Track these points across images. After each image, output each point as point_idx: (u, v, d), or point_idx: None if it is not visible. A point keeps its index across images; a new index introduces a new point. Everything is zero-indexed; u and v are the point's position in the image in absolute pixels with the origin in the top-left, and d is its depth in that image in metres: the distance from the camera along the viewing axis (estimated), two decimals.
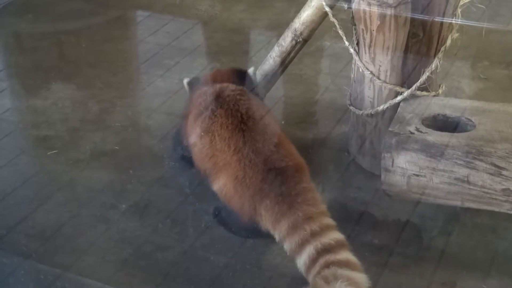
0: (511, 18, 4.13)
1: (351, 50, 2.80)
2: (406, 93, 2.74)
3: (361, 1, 2.63)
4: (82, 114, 3.38)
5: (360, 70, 2.78)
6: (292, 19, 2.98)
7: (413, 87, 2.74)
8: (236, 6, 4.29)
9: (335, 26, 2.85)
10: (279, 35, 3.06)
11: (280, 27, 3.53)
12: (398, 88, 2.76)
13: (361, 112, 2.85)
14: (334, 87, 3.50)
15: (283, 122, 3.23)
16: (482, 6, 2.89)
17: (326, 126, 3.20)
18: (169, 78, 3.65)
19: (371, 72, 2.74)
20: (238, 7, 4.29)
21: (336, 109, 3.26)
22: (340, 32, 2.80)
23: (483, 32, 3.47)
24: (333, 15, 2.82)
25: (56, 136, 3.21)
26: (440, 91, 2.90)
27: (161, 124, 3.27)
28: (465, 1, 2.81)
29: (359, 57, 2.78)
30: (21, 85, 3.75)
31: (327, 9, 2.81)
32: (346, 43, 2.80)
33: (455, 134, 2.55)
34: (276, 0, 4.35)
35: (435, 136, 2.52)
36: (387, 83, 2.75)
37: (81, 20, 4.18)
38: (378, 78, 2.74)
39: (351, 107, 2.92)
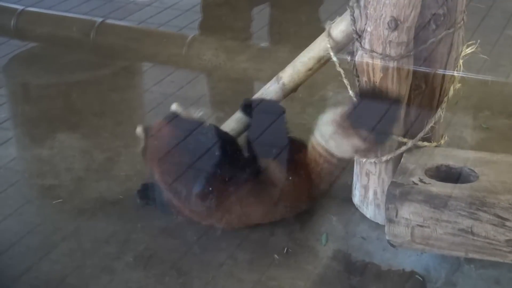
0: (511, 70, 4.17)
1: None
2: (410, 143, 2.77)
3: (364, 54, 2.67)
4: (87, 164, 3.40)
5: None
6: None
7: (417, 138, 2.77)
8: (239, 56, 4.34)
9: (338, 76, 2.90)
10: None
11: None
12: (401, 139, 2.79)
13: (364, 160, 2.87)
14: None
15: None
16: (484, 56, 2.93)
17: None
18: None
19: None
20: (242, 57, 4.34)
21: None
22: (345, 81, 2.84)
23: (489, 83, 3.51)
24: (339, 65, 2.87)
25: (61, 186, 3.23)
26: (442, 141, 2.93)
27: None
28: (467, 52, 2.86)
29: None
30: (27, 135, 3.78)
31: (334, 59, 2.86)
32: (351, 92, 2.83)
33: (458, 185, 2.57)
34: (279, 51, 4.40)
35: (438, 187, 2.54)
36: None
37: (87, 71, 4.23)
38: None
39: None
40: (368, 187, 2.91)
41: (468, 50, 2.85)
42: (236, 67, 4.25)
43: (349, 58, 2.81)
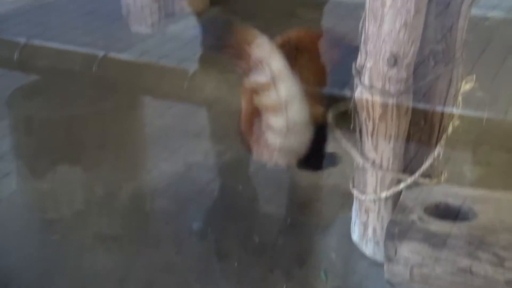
0: (509, 105, 4.19)
1: None
2: (409, 180, 2.77)
3: (363, 90, 2.69)
4: (88, 197, 3.41)
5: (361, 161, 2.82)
6: None
7: (416, 175, 2.77)
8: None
9: None
10: None
11: None
12: (401, 176, 2.79)
13: (363, 196, 2.87)
14: (338, 172, 3.52)
15: None
16: (482, 94, 2.94)
17: (329, 212, 3.22)
18: (175, 161, 3.69)
19: (373, 162, 2.78)
20: None
21: (339, 195, 3.29)
22: None
23: (484, 120, 3.52)
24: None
25: (62, 220, 3.23)
26: (442, 178, 2.93)
27: (166, 208, 3.30)
28: (466, 89, 2.87)
29: (361, 147, 2.81)
30: (27, 167, 3.78)
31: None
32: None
33: (457, 223, 2.57)
34: None
35: (437, 226, 2.53)
36: (389, 170, 2.78)
37: (89, 104, 4.23)
38: (381, 165, 2.78)
39: (353, 190, 2.94)
40: (367, 224, 2.91)
41: (467, 87, 2.86)
42: (237, 100, 4.24)
43: (348, 93, 2.83)
